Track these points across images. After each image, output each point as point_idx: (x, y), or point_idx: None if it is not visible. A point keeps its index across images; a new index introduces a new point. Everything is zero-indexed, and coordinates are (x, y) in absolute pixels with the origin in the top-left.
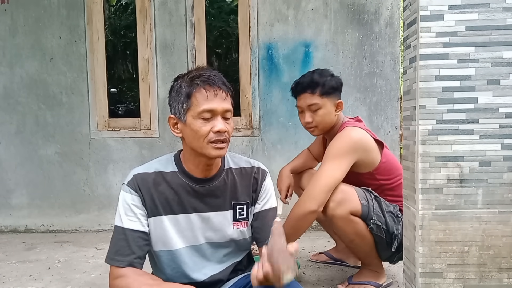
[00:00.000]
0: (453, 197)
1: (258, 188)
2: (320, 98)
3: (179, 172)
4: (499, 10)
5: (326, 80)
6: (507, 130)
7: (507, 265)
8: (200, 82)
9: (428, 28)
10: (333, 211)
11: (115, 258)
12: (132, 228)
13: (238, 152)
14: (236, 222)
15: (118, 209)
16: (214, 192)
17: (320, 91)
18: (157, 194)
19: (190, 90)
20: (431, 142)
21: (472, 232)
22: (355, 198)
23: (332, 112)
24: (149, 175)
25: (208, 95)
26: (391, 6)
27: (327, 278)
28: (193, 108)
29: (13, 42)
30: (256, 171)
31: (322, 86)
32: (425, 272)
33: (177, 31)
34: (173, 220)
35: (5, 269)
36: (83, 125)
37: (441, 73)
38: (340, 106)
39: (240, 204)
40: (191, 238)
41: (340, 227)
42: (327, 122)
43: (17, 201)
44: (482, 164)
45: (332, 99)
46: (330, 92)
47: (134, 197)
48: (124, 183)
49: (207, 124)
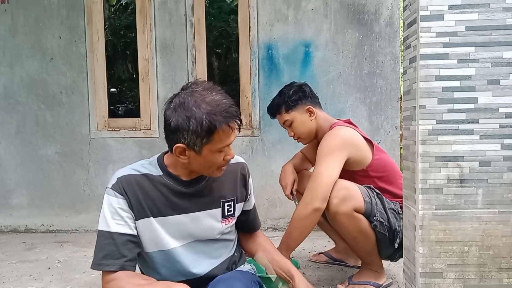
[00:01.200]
0: (453, 197)
1: (247, 183)
2: (288, 114)
3: (164, 175)
4: (499, 10)
5: (285, 97)
6: (507, 130)
7: (507, 265)
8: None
9: (428, 28)
10: (337, 208)
11: (104, 262)
12: (120, 232)
13: (238, 152)
14: (225, 219)
15: (103, 213)
16: (201, 192)
17: (284, 109)
18: (144, 196)
19: (213, 128)
20: (431, 142)
21: (472, 232)
22: (358, 195)
23: (306, 120)
24: (133, 177)
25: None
26: (391, 6)
27: (327, 278)
28: (214, 144)
29: (13, 42)
30: (241, 167)
31: (284, 103)
32: (425, 272)
33: (177, 31)
34: (162, 221)
35: (5, 269)
36: (83, 125)
37: (441, 73)
38: (310, 110)
39: (228, 201)
40: (182, 237)
41: (344, 224)
42: (306, 131)
43: (17, 201)
44: (482, 164)
45: (298, 109)
46: (293, 105)
47: (120, 200)
48: (108, 187)
49: (220, 154)
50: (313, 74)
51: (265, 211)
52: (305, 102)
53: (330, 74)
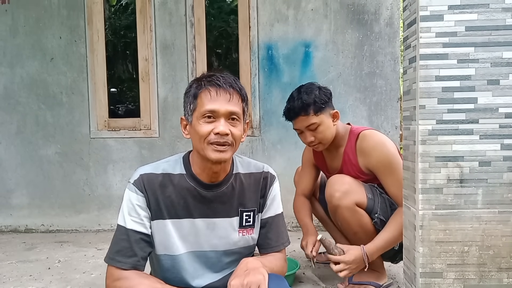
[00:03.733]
0: (453, 197)
1: (266, 193)
2: (316, 117)
3: (186, 175)
4: (499, 10)
5: (315, 96)
6: (507, 130)
7: (507, 265)
8: (206, 83)
9: (428, 28)
10: (339, 201)
11: (116, 258)
12: (135, 230)
13: (238, 152)
14: (242, 229)
15: (122, 208)
16: (221, 198)
17: (313, 110)
18: (163, 197)
19: (197, 91)
20: (431, 142)
21: (472, 232)
22: (361, 191)
23: (331, 125)
24: (156, 176)
25: (211, 95)
26: (391, 6)
27: (327, 278)
28: (198, 108)
29: (13, 42)
30: (264, 176)
31: (314, 104)
32: (425, 272)
33: (177, 31)
34: (177, 224)
35: (5, 269)
36: (83, 125)
37: (441, 73)
38: (336, 115)
39: (247, 211)
40: (195, 243)
41: (345, 217)
42: (329, 136)
43: (17, 201)
44: (482, 164)
45: (326, 113)
46: (323, 107)
47: (139, 197)
48: (130, 181)
49: (209, 125)
50: (313, 74)
51: None
52: (331, 106)
53: (330, 74)
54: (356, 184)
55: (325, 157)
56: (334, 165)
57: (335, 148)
